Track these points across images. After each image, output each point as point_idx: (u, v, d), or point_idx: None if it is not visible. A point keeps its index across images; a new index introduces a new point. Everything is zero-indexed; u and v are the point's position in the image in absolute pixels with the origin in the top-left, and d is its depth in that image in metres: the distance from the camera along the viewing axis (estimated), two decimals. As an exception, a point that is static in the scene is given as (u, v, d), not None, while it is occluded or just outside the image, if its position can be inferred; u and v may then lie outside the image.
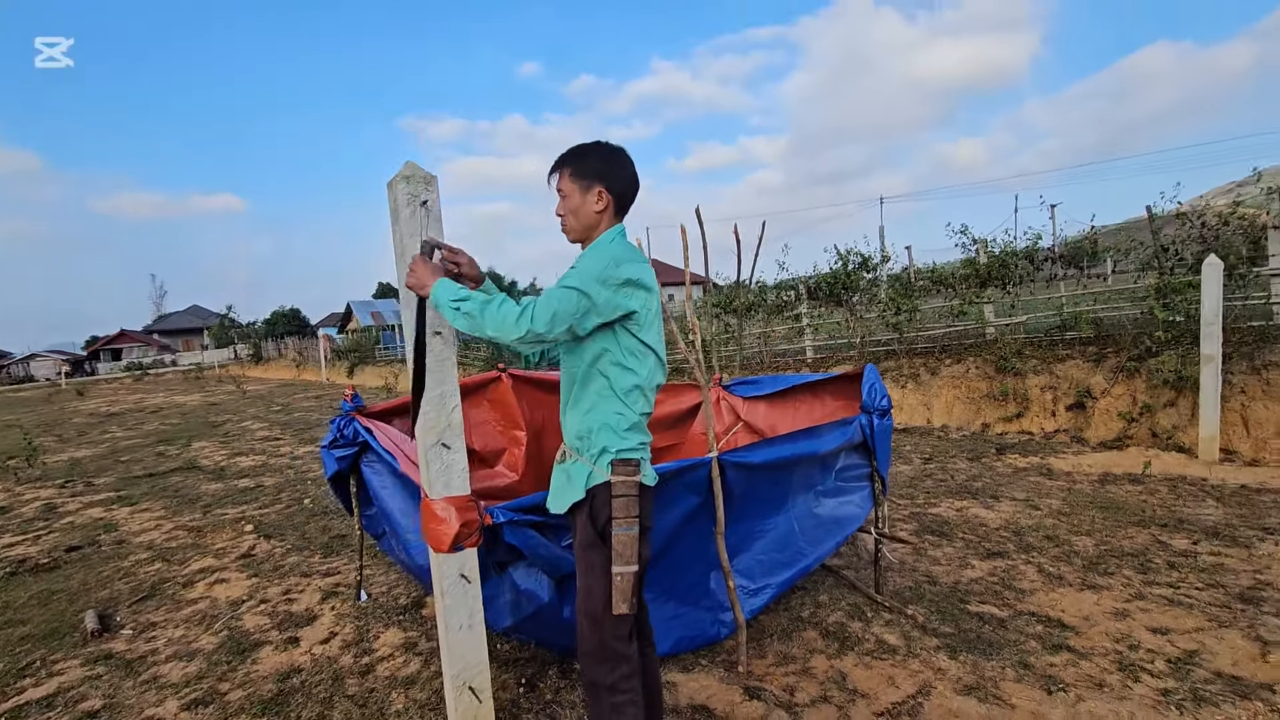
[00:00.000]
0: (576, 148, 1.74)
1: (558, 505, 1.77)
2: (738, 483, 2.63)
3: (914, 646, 2.69)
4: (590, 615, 1.67)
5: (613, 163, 1.72)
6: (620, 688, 1.64)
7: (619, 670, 1.65)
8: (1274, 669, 2.41)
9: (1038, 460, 5.73)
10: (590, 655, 1.68)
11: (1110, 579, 3.24)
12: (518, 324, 1.56)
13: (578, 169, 1.71)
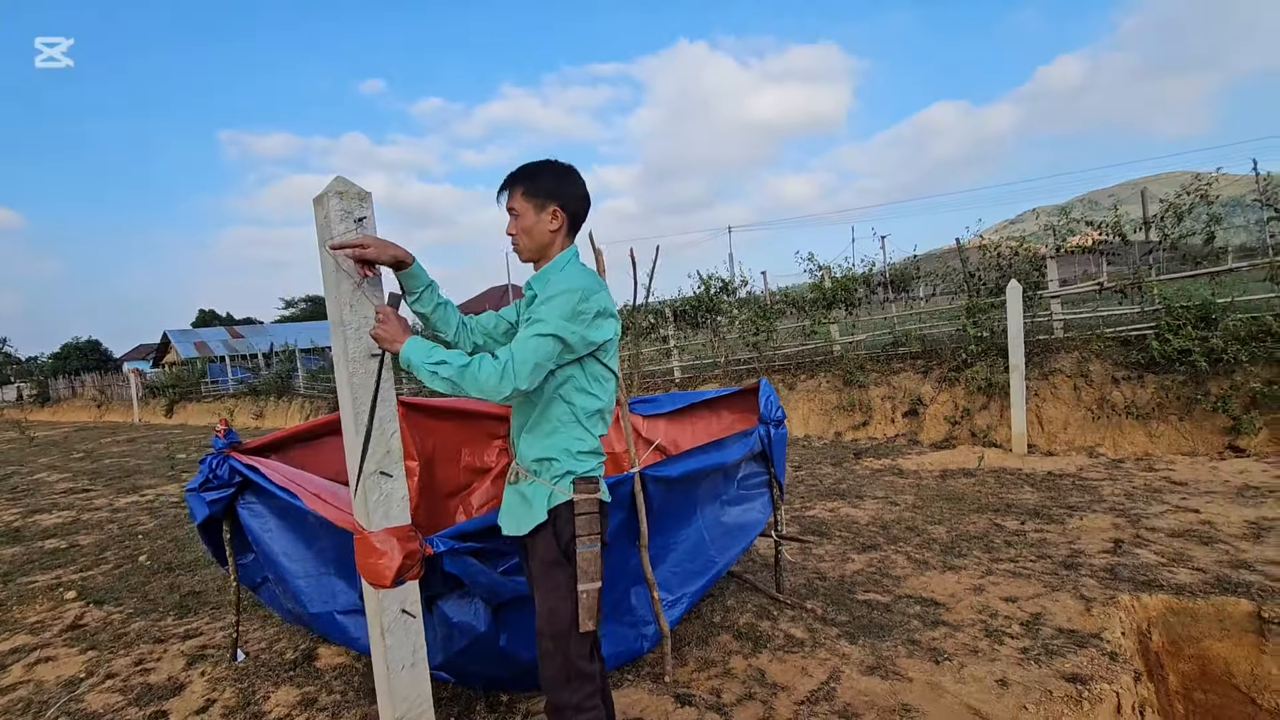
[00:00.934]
0: (528, 167, 1.73)
1: (515, 527, 1.72)
2: (656, 496, 2.71)
3: (818, 637, 2.92)
4: (556, 636, 1.65)
5: (566, 182, 1.72)
6: (585, 706, 1.64)
7: (584, 689, 1.65)
8: (1097, 620, 2.90)
9: (889, 462, 6.41)
10: (554, 678, 1.65)
11: (964, 559, 3.72)
12: (501, 384, 1.53)
13: (530, 188, 1.69)
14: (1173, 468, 5.29)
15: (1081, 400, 7.44)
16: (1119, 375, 7.26)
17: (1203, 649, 3.00)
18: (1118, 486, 4.88)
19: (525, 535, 1.71)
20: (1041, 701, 2.32)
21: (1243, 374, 6.43)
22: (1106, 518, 4.20)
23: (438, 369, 1.54)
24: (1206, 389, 6.60)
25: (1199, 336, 6.67)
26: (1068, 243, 9.85)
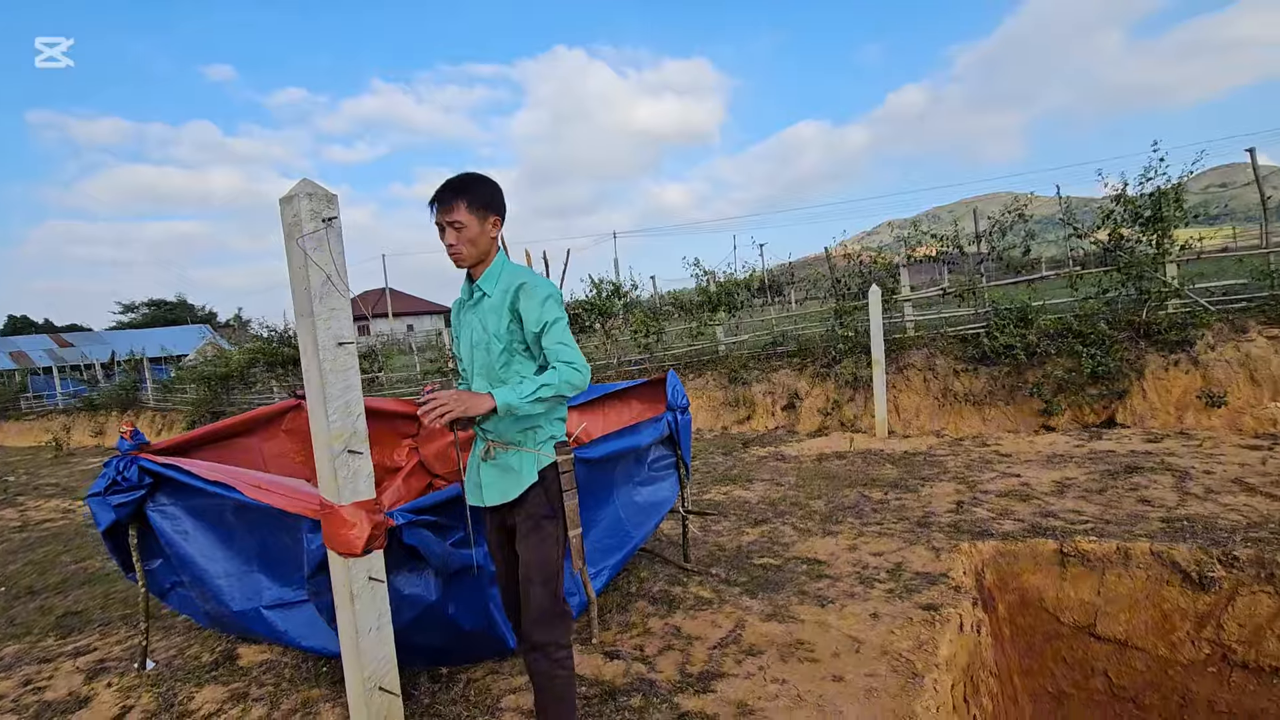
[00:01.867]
0: (464, 180, 1.86)
1: (502, 495, 1.88)
2: (580, 477, 2.97)
3: (723, 596, 3.30)
4: (547, 580, 1.86)
5: (498, 193, 1.93)
6: (563, 642, 1.89)
7: (567, 627, 1.91)
8: (944, 564, 3.51)
9: (773, 449, 7.04)
10: (543, 620, 1.85)
11: (840, 526, 4.28)
12: (585, 377, 1.80)
13: (474, 201, 1.84)
14: (1000, 443, 6.26)
15: (930, 390, 8.52)
16: (959, 368, 8.39)
17: (1021, 581, 3.71)
18: (959, 460, 5.73)
19: (512, 500, 1.88)
20: (905, 625, 2.84)
21: (1051, 365, 7.69)
22: (951, 485, 4.96)
23: (541, 394, 1.76)
24: (1025, 378, 7.81)
25: (1019, 334, 7.88)
26: (916, 252, 11.15)
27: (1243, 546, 3.31)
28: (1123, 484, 4.50)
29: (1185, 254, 8.16)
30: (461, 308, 2.00)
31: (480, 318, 1.92)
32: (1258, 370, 6.92)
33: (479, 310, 1.93)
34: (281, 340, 15.65)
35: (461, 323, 2.00)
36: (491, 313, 1.90)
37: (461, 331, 2.00)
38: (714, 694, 2.45)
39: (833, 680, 2.48)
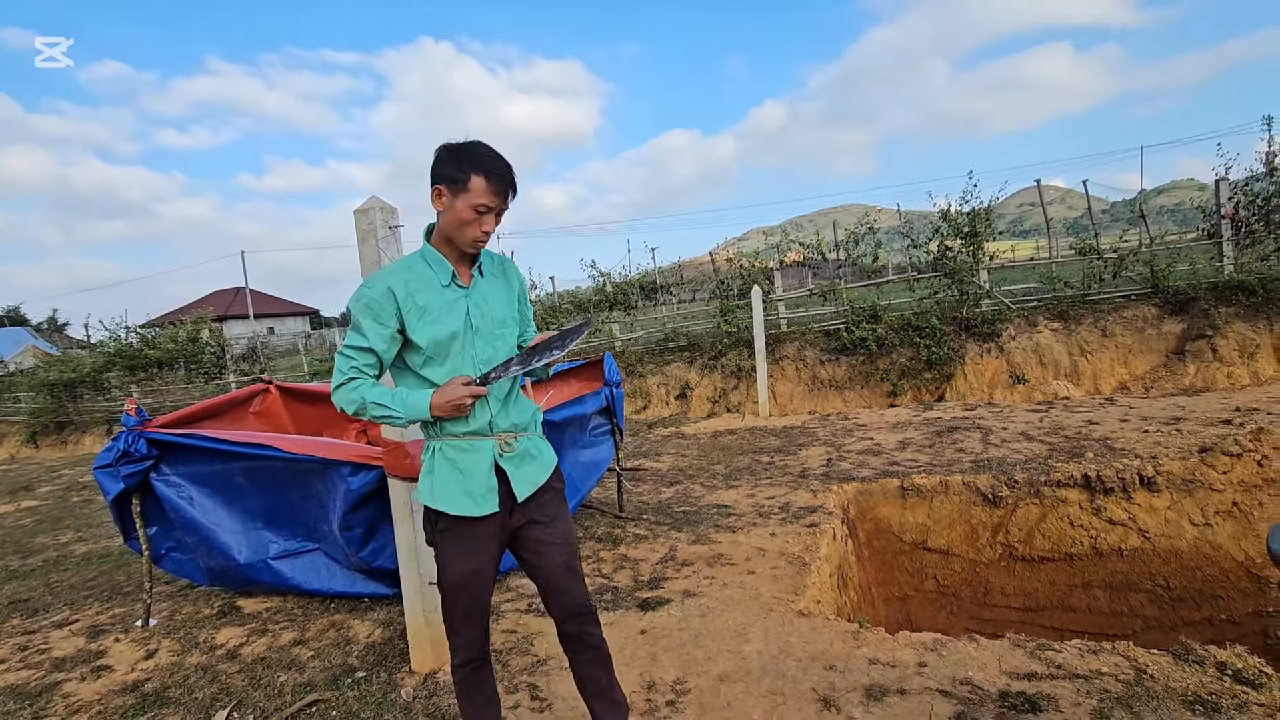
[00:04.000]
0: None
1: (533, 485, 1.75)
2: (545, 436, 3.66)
3: (656, 532, 4.11)
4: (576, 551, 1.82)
5: None
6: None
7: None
8: (820, 500, 4.52)
9: (673, 430, 7.96)
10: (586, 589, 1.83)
11: (739, 482, 5.23)
12: None
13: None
14: (858, 416, 7.57)
15: (801, 377, 9.87)
16: (824, 358, 9.79)
17: (875, 512, 4.82)
18: (827, 431, 6.93)
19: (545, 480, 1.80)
20: (795, 537, 3.78)
21: (896, 354, 9.24)
22: (821, 448, 6.09)
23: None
24: (877, 365, 9.32)
25: (871, 329, 9.38)
26: (787, 258, 12.62)
27: (1020, 473, 4.60)
28: (946, 440, 5.82)
29: (994, 262, 10.06)
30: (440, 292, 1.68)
31: (482, 299, 1.72)
32: (1045, 355, 8.79)
33: (477, 293, 1.72)
34: (146, 343, 14.58)
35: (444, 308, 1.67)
36: (496, 295, 1.75)
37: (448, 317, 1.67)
38: (663, 589, 3.24)
39: (748, 574, 3.36)
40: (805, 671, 2.39)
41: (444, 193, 1.62)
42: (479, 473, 1.69)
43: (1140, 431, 5.24)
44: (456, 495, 1.69)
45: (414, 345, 1.67)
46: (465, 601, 1.73)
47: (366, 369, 1.65)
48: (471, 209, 1.60)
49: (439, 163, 1.63)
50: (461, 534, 1.70)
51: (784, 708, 2.20)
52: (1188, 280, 8.40)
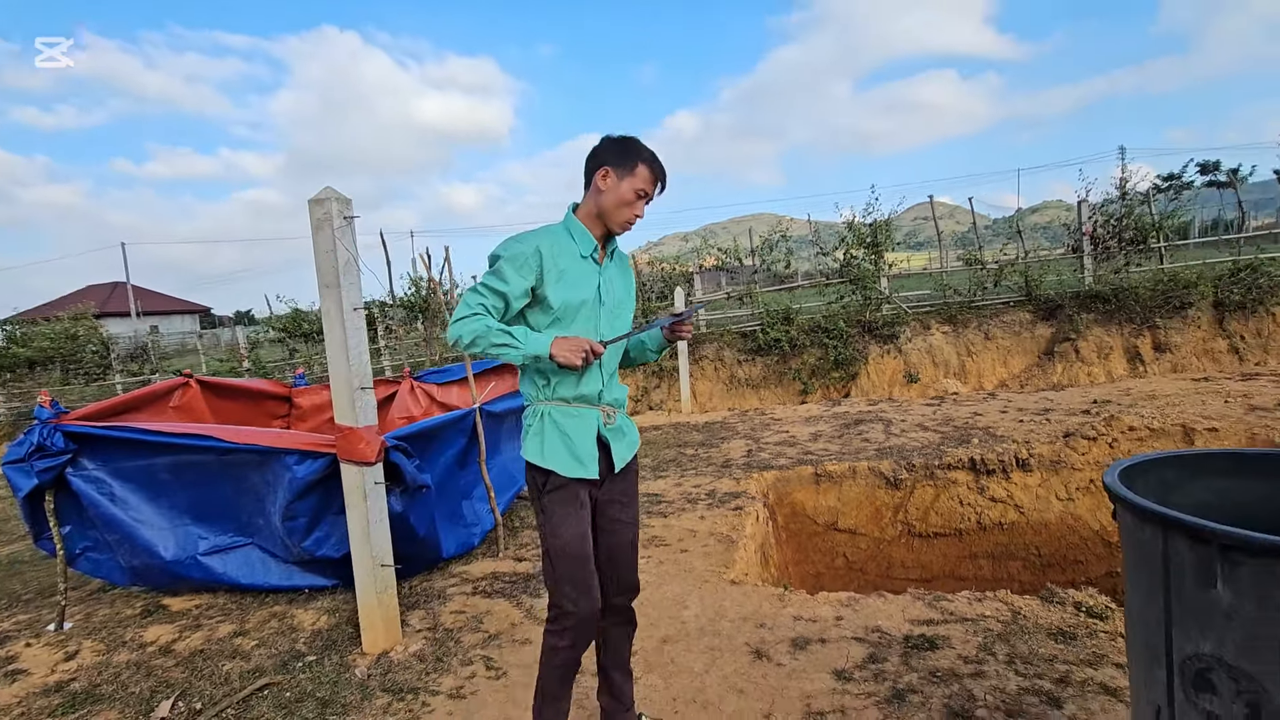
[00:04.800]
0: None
1: (625, 460, 1.86)
2: (486, 426, 3.76)
3: (591, 520, 4.28)
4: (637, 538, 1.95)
5: None
6: None
7: None
8: (743, 486, 4.85)
9: (599, 427, 8.17)
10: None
11: (667, 473, 5.49)
12: None
13: None
14: (774, 412, 8.04)
15: (720, 376, 10.30)
16: (741, 358, 10.28)
17: (792, 497, 5.20)
18: (746, 425, 7.33)
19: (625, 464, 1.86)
20: (722, 518, 4.07)
21: (807, 354, 9.84)
22: (742, 441, 6.46)
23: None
24: (790, 364, 9.88)
25: (784, 331, 9.94)
26: (705, 262, 13.09)
27: (918, 459, 5.12)
28: (853, 431, 6.33)
29: (893, 271, 10.89)
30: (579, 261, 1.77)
31: (610, 279, 1.84)
32: (936, 356, 9.61)
33: (607, 272, 1.83)
34: (13, 340, 13.25)
35: (581, 276, 1.76)
36: (620, 280, 1.89)
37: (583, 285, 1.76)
38: (604, 569, 3.42)
39: (682, 552, 3.60)
40: (739, 629, 2.65)
41: (610, 174, 1.75)
42: (586, 438, 1.76)
43: (1016, 421, 5.92)
44: (567, 456, 1.74)
45: (545, 305, 1.73)
46: (582, 565, 1.75)
47: (493, 310, 1.69)
48: (634, 191, 1.75)
49: (607, 149, 1.77)
50: (570, 495, 1.75)
51: (721, 659, 2.44)
52: (1056, 290, 9.46)
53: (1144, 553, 1.30)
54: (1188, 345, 8.65)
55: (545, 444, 1.76)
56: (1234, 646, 1.14)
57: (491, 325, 1.65)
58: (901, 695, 2.14)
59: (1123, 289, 8.94)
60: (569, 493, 1.74)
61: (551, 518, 1.75)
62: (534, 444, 1.77)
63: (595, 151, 1.79)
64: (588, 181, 1.81)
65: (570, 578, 1.74)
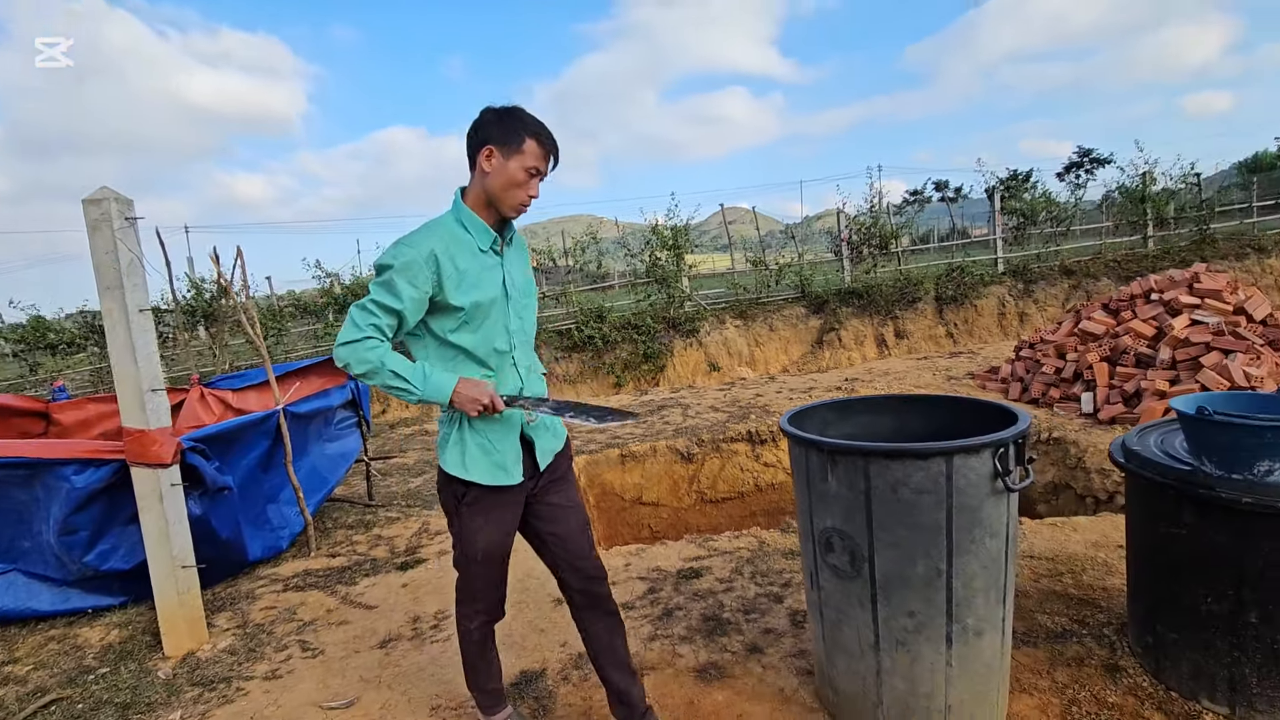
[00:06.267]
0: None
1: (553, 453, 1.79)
2: (291, 428, 3.77)
3: (409, 514, 4.42)
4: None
5: None
6: None
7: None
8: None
9: (417, 428, 8.10)
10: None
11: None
12: None
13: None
14: (589, 404, 8.58)
15: (539, 373, 10.64)
16: (558, 355, 10.71)
17: (603, 478, 5.72)
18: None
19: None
20: (535, 499, 4.43)
21: (619, 350, 10.53)
22: (557, 432, 6.88)
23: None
24: (604, 360, 10.51)
25: (598, 328, 10.54)
26: (522, 264, 13.33)
27: (707, 435, 5.89)
28: (657, 416, 7.03)
29: (694, 271, 11.98)
30: (479, 256, 1.63)
31: (512, 268, 1.71)
32: (731, 347, 10.77)
33: (508, 261, 1.70)
34: None
35: (484, 273, 1.63)
36: (520, 266, 1.76)
37: (486, 283, 1.63)
38: (420, 554, 3.62)
39: (496, 531, 3.90)
40: (544, 585, 3.03)
41: (494, 153, 1.58)
42: (508, 442, 1.68)
43: (787, 399, 6.99)
44: (488, 466, 1.66)
45: (449, 309, 1.59)
46: (493, 568, 1.78)
47: (386, 329, 1.55)
48: (524, 171, 1.59)
49: (488, 124, 1.60)
50: (491, 503, 1.69)
51: (526, 610, 2.81)
52: (823, 288, 11.09)
53: (797, 465, 1.89)
54: (919, 331, 10.64)
55: (466, 455, 1.66)
56: (840, 517, 1.75)
57: (387, 361, 1.54)
58: (670, 613, 2.67)
59: (872, 286, 10.74)
60: (490, 500, 1.69)
61: (467, 526, 1.71)
62: (454, 455, 1.67)
63: (476, 127, 1.61)
64: (471, 162, 1.63)
65: (479, 589, 1.81)
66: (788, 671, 2.20)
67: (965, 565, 1.67)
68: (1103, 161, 26.79)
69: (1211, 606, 1.80)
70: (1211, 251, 11.28)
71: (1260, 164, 17.12)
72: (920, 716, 1.77)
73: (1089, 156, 28.01)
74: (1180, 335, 5.00)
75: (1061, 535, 3.05)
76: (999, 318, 10.54)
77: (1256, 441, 1.66)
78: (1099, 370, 5.22)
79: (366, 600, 3.08)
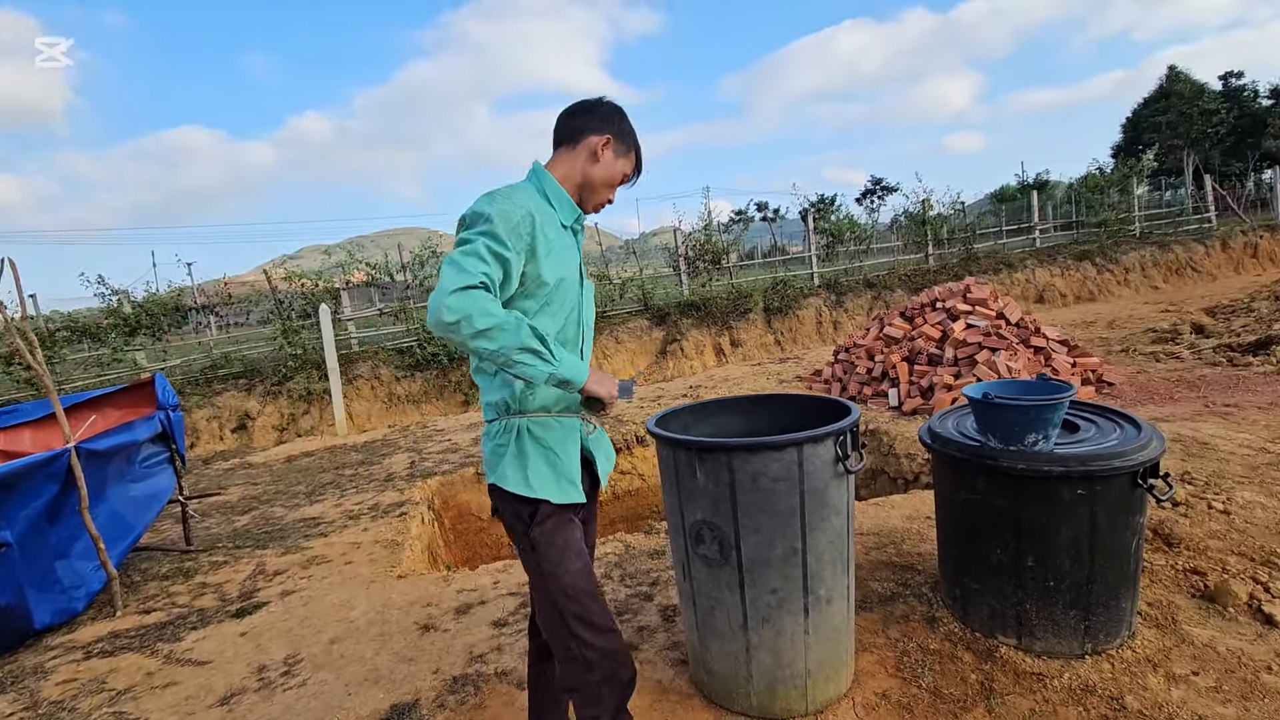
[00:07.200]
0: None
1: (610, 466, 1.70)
2: (86, 468, 3.25)
3: (238, 555, 3.97)
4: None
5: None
6: None
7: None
8: (408, 495, 4.99)
9: (238, 460, 7.26)
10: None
11: (325, 496, 5.29)
12: None
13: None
14: (437, 424, 8.22)
15: (378, 395, 10.01)
16: (400, 375, 10.15)
17: (458, 499, 5.53)
18: (408, 440, 7.37)
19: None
20: (387, 527, 4.19)
21: (466, 366, 10.22)
22: (404, 455, 6.53)
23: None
24: (450, 378, 10.14)
25: (442, 345, 10.15)
26: (353, 277, 12.52)
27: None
28: (510, 432, 6.93)
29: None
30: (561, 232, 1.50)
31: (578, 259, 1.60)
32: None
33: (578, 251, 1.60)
34: None
35: (566, 250, 1.50)
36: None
37: (569, 260, 1.50)
38: (259, 597, 3.28)
39: (347, 564, 3.64)
40: (407, 614, 2.89)
41: (611, 145, 1.52)
42: (572, 454, 1.51)
43: (638, 408, 7.24)
44: (557, 480, 1.46)
45: (536, 285, 1.40)
46: (589, 595, 1.46)
47: (494, 284, 1.29)
48: (622, 174, 1.56)
49: (612, 116, 1.53)
50: (563, 519, 1.47)
51: (392, 641, 2.67)
52: (664, 301, 11.61)
53: (666, 464, 2.01)
54: (751, 340, 11.52)
55: (529, 468, 1.45)
56: (709, 510, 1.90)
57: (523, 321, 1.28)
58: (545, 624, 2.68)
59: (708, 299, 11.44)
60: (562, 517, 1.48)
61: (549, 552, 1.45)
62: (514, 469, 1.45)
63: (598, 112, 1.53)
64: (573, 140, 1.51)
65: (583, 617, 1.45)
66: (663, 664, 2.31)
67: (816, 542, 1.89)
68: (891, 189, 30.84)
69: (1000, 557, 2.19)
70: (976, 267, 13.44)
71: (1005, 195, 20.74)
72: (785, 684, 1.96)
73: (880, 185, 32.09)
74: (959, 337, 5.94)
75: (883, 513, 3.50)
76: (817, 326, 11.72)
77: (1025, 418, 2.06)
78: (901, 369, 6.02)
79: (197, 656, 2.74)
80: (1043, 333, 6.04)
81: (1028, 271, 13.38)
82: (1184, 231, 16.04)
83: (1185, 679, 1.94)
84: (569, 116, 1.54)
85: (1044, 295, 13.14)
